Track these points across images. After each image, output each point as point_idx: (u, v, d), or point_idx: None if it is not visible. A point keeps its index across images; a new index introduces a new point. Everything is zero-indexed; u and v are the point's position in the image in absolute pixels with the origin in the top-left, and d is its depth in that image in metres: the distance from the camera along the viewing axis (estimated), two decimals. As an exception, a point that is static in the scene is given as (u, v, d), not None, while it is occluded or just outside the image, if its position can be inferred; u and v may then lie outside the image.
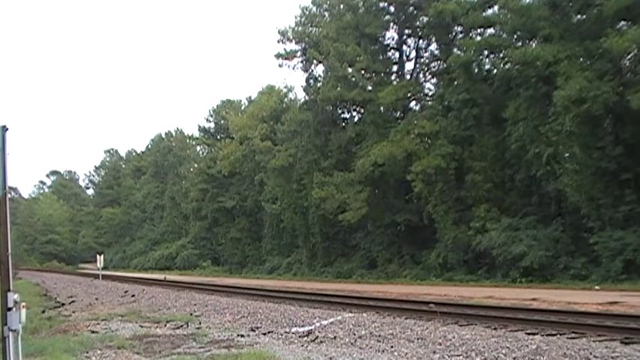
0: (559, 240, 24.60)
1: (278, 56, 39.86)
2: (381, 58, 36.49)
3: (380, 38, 36.61)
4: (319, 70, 39.47)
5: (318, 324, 12.13)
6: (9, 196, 6.10)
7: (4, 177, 5.72)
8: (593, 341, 9.03)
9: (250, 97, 59.55)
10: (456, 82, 30.17)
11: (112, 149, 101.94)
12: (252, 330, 11.96)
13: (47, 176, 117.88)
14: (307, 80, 40.24)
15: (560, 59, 23.44)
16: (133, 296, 23.15)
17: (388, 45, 37.19)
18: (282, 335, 11.07)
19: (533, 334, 9.86)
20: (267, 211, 46.92)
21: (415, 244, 32.85)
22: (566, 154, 24.13)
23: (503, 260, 25.40)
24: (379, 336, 10.31)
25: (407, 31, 36.30)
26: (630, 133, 22.57)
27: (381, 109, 34.73)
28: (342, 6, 37.75)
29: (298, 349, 9.29)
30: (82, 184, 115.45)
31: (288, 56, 39.81)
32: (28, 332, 11.33)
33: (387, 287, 25.77)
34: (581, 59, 23.90)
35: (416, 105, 36.15)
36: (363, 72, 35.76)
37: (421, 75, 37.18)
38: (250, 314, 14.67)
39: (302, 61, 39.74)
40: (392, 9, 35.79)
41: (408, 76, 36.72)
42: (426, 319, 12.52)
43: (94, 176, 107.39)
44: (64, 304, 20.45)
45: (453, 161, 29.11)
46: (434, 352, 8.62)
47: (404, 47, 37.21)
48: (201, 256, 60.04)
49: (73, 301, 21.82)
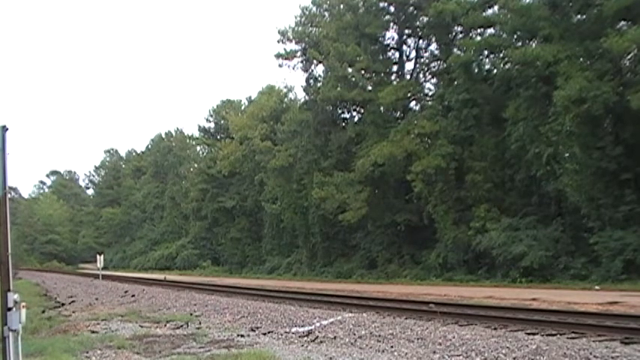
0: (559, 240, 24.61)
1: (278, 56, 39.94)
2: (381, 58, 36.49)
3: (380, 38, 36.62)
4: (319, 70, 39.59)
5: (318, 324, 12.13)
6: (9, 196, 6.09)
7: (4, 177, 5.72)
8: (593, 341, 9.03)
9: (250, 97, 59.64)
10: (456, 82, 30.17)
11: (112, 149, 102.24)
12: (252, 330, 11.96)
13: (47, 176, 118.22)
14: (307, 80, 40.30)
15: (560, 59, 23.44)
16: (133, 296, 23.14)
17: (388, 45, 37.20)
18: (282, 335, 11.07)
19: (533, 334, 9.85)
20: (267, 211, 46.92)
21: (415, 244, 32.86)
22: (566, 154, 24.13)
23: (503, 260, 25.41)
24: (379, 336, 10.31)
25: (407, 31, 36.31)
26: (630, 133, 22.57)
27: (381, 109, 34.74)
28: (342, 6, 37.75)
29: (298, 349, 9.29)
30: (82, 184, 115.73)
31: (288, 56, 39.83)
32: (28, 332, 11.33)
33: (387, 287, 25.77)
34: (581, 59, 23.90)
35: (416, 105, 36.19)
36: (363, 72, 35.77)
37: (421, 75, 37.21)
38: (250, 314, 14.67)
39: (302, 61, 39.79)
40: (392, 9, 35.80)
41: (408, 76, 36.73)
42: (426, 319, 12.52)
43: (94, 176, 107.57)
44: (64, 304, 20.44)
45: (453, 161, 29.12)
46: (434, 352, 8.62)
47: (404, 47, 37.26)
48: (201, 256, 60.03)
49: (73, 301, 21.81)
